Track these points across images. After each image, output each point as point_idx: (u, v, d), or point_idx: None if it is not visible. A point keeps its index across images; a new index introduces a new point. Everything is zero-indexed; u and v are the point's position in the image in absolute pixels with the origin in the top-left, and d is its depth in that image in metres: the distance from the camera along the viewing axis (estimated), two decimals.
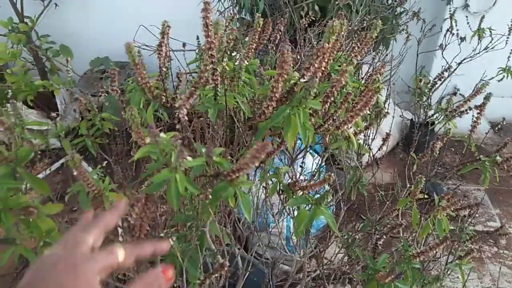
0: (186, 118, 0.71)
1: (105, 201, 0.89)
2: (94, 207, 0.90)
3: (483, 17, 2.30)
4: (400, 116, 2.86)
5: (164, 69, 0.75)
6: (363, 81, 1.14)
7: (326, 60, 0.60)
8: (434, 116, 2.45)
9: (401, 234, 1.03)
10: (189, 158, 0.64)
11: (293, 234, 1.89)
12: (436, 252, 0.84)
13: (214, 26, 0.69)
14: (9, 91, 1.91)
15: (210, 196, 0.67)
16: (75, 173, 0.83)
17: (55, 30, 2.72)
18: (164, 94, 0.81)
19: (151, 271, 0.49)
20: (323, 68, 0.62)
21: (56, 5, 2.75)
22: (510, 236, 2.26)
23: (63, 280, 0.42)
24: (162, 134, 0.66)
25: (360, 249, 1.41)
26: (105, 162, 1.14)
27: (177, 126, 0.86)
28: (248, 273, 1.33)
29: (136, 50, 0.68)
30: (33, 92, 2.28)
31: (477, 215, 2.34)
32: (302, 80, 0.64)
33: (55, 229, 0.86)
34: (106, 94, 1.62)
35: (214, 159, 0.67)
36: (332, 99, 0.72)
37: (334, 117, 0.89)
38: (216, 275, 0.71)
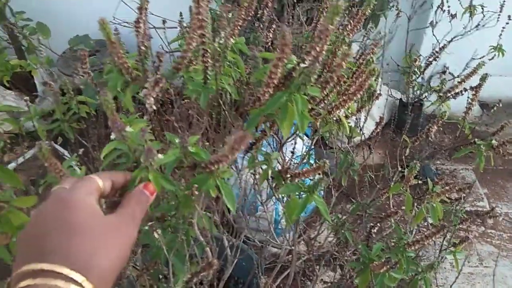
0: (154, 107, 0.65)
1: None
2: None
3: None
4: (389, 95, 2.82)
5: (143, 48, 0.69)
6: (354, 61, 1.08)
7: (327, 43, 0.55)
8: (424, 96, 2.42)
9: (393, 220, 1.00)
10: (160, 156, 0.58)
11: (282, 218, 1.87)
12: (431, 240, 0.81)
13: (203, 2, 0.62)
14: None
15: (196, 192, 0.61)
16: (45, 164, 0.77)
17: (31, 6, 2.59)
18: (145, 76, 0.74)
19: (134, 189, 0.51)
20: (323, 52, 0.56)
21: None
22: (497, 216, 2.27)
23: (58, 214, 0.43)
24: (128, 128, 0.60)
25: (350, 233, 1.39)
26: (83, 148, 1.08)
27: (145, 117, 0.80)
28: (236, 259, 1.30)
29: (111, 27, 0.62)
30: (9, 72, 2.18)
31: (464, 195, 2.34)
32: (301, 65, 0.58)
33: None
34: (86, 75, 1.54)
35: (189, 149, 0.62)
36: (332, 84, 0.67)
37: (326, 101, 0.83)
38: (204, 273, 0.67)
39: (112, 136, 0.58)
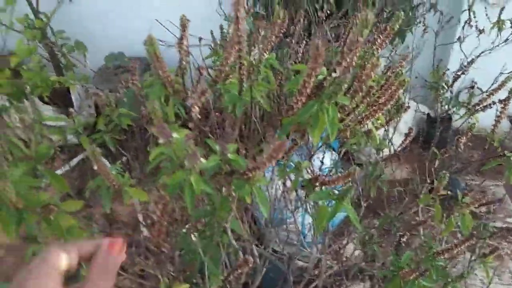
0: (199, 116, 0.70)
1: (125, 197, 0.89)
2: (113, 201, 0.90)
3: (503, 8, 2.24)
4: (415, 110, 2.81)
5: (184, 63, 0.74)
6: (382, 75, 1.11)
7: (357, 54, 0.59)
8: (452, 111, 2.41)
9: (421, 231, 1.01)
10: (203, 160, 0.63)
11: (309, 231, 1.88)
12: (460, 249, 0.82)
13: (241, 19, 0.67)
14: (27, 86, 1.93)
15: (233, 193, 0.66)
16: (95, 168, 0.83)
17: (70, 26, 2.73)
18: (185, 89, 0.80)
19: (97, 253, 0.46)
20: (354, 63, 0.60)
21: (70, 0, 2.76)
22: None
23: None
24: (175, 134, 0.65)
25: (377, 246, 1.39)
26: (124, 158, 1.14)
27: (190, 125, 0.85)
28: (265, 269, 1.32)
29: (157, 43, 0.67)
30: (49, 88, 2.30)
31: (496, 211, 2.30)
32: (333, 75, 0.62)
33: (75, 226, 0.85)
34: (124, 90, 1.62)
35: (229, 157, 0.66)
36: (361, 94, 0.70)
37: (356, 112, 0.87)
38: (240, 271, 0.70)
39: (160, 141, 0.63)
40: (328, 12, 1.96)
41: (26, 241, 0.82)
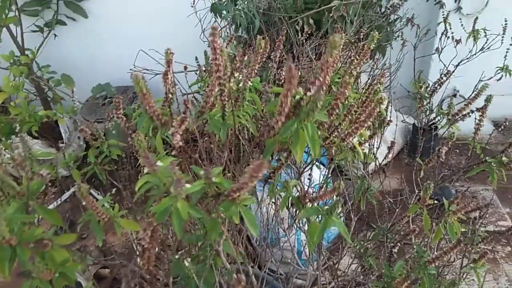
0: (181, 143, 0.72)
1: (116, 228, 0.90)
2: (105, 233, 0.90)
3: (476, 18, 2.32)
4: (402, 121, 2.86)
5: (170, 95, 0.76)
6: (363, 91, 1.15)
7: (329, 73, 0.62)
8: (436, 119, 2.46)
9: (414, 241, 1.03)
10: (187, 185, 0.65)
11: (305, 247, 1.89)
12: (451, 256, 0.84)
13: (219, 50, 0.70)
14: (17, 125, 1.94)
15: (222, 215, 0.67)
16: (84, 203, 0.84)
17: (56, 60, 2.76)
18: (171, 119, 0.82)
19: None
20: (327, 82, 0.63)
21: (55, 35, 2.80)
22: None
23: None
24: (159, 163, 0.67)
25: (373, 259, 1.40)
26: (114, 188, 1.15)
27: (173, 152, 0.87)
28: None
29: (143, 81, 0.70)
30: (37, 122, 2.31)
31: (487, 215, 2.33)
32: (308, 94, 0.65)
33: (69, 259, 0.86)
34: (111, 120, 1.64)
35: (213, 180, 0.68)
36: (337, 111, 0.73)
37: (339, 129, 0.90)
38: None
39: (146, 170, 0.64)
40: (309, 33, 2.01)
41: (21, 277, 0.82)
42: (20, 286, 0.83)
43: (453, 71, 2.23)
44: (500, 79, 2.22)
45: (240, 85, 0.81)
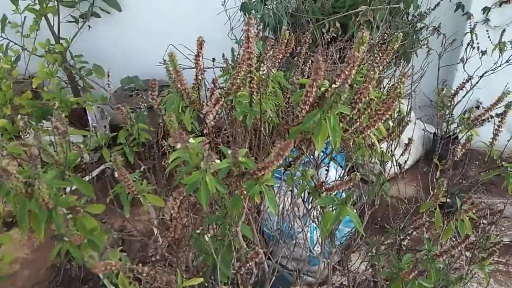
0: (213, 123, 0.77)
1: (143, 203, 0.96)
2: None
3: (503, 30, 2.32)
4: (422, 129, 2.86)
5: (200, 77, 0.82)
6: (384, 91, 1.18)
7: (355, 67, 0.66)
8: (458, 129, 2.46)
9: (423, 235, 1.06)
10: (217, 161, 0.70)
11: (316, 244, 1.92)
12: (459, 250, 0.87)
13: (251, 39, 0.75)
14: (56, 104, 2.06)
15: (245, 192, 0.72)
16: (116, 175, 0.91)
17: (88, 50, 2.88)
18: (200, 102, 0.88)
19: None
20: (352, 76, 0.68)
21: (89, 27, 2.92)
22: None
23: None
24: (191, 140, 0.73)
25: (384, 258, 1.43)
26: (142, 167, 1.21)
27: (205, 131, 0.92)
28: (273, 278, 1.36)
29: (177, 59, 0.75)
30: (68, 108, 2.41)
31: (503, 228, 2.31)
32: (333, 86, 0.70)
33: (97, 228, 0.92)
34: (137, 109, 1.71)
35: (239, 159, 0.74)
36: (360, 104, 0.78)
37: (358, 123, 0.94)
38: (251, 263, 0.76)
39: (177, 146, 0.70)
40: (334, 35, 2.05)
41: (54, 240, 0.88)
42: (52, 248, 0.90)
43: (477, 82, 2.24)
44: None
45: (264, 72, 0.86)
